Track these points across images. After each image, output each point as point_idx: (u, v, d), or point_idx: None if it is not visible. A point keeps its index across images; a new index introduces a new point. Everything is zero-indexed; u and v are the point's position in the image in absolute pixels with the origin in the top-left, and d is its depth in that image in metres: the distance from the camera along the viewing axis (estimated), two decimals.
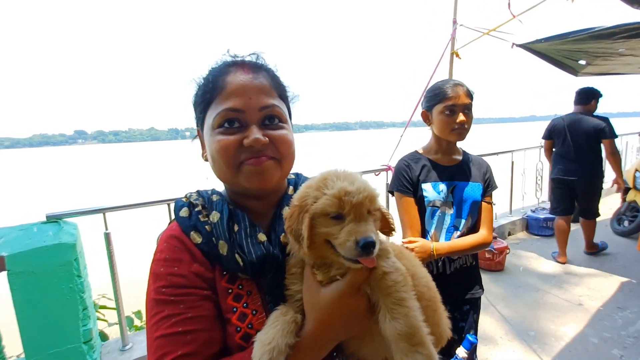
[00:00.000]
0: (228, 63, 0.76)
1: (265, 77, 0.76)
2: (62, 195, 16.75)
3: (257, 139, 0.69)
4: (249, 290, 0.71)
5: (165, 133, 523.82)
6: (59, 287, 1.97)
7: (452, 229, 1.65)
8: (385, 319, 0.62)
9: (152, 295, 0.67)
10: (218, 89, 0.72)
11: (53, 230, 2.05)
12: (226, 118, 0.71)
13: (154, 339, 0.64)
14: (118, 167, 35.19)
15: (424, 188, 1.65)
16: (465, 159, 1.74)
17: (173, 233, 0.74)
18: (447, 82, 1.65)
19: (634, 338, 2.71)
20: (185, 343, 0.63)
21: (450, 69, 3.64)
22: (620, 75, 4.93)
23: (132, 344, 2.38)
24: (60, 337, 1.99)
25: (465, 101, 1.58)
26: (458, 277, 1.67)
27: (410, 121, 3.98)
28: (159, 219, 2.65)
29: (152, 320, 0.65)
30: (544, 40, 3.34)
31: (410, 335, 0.60)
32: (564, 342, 2.70)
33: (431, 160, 1.71)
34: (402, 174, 1.71)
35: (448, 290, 1.47)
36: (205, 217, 0.74)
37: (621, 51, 3.40)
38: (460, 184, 1.66)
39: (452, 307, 1.61)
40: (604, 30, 2.86)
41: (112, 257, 2.33)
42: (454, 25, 3.51)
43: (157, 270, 0.69)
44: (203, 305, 0.67)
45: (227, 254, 0.69)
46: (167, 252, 0.71)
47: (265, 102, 0.73)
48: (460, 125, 1.59)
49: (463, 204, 1.65)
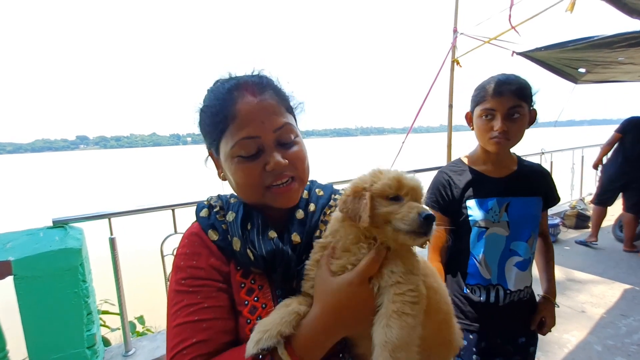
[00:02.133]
0: (231, 87, 0.77)
1: (272, 95, 0.78)
2: (67, 200, 16.83)
3: (278, 163, 0.74)
4: (261, 284, 0.76)
5: (167, 139, 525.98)
6: (64, 292, 1.99)
7: (509, 254, 1.37)
8: (381, 323, 0.63)
9: (173, 287, 0.73)
10: (230, 118, 0.74)
11: (59, 235, 2.08)
12: (244, 147, 0.74)
13: (173, 326, 0.69)
14: (121, 173, 35.36)
15: (469, 206, 1.40)
16: (521, 168, 1.45)
17: (194, 231, 0.80)
18: (493, 78, 1.36)
19: (637, 346, 2.69)
20: (201, 330, 0.67)
21: (451, 77, 3.68)
22: (619, 82, 4.98)
23: (135, 349, 2.39)
24: (64, 342, 2.01)
25: (509, 104, 1.29)
26: (512, 309, 1.40)
27: (412, 128, 4.02)
28: (162, 225, 2.68)
29: (172, 310, 0.70)
30: (544, 49, 3.37)
31: (397, 349, 0.60)
32: (567, 350, 2.69)
33: (478, 172, 1.44)
34: (438, 189, 1.48)
35: (499, 322, 1.39)
36: (222, 217, 0.81)
37: (620, 60, 3.44)
38: (516, 200, 1.37)
39: (504, 340, 1.42)
40: (603, 39, 2.89)
41: (117, 262, 2.34)
42: (454, 33, 3.56)
43: (178, 264, 0.75)
44: (218, 296, 0.72)
45: (240, 249, 0.74)
46: (188, 247, 0.77)
47: (278, 122, 0.76)
48: (500, 134, 1.31)
49: (521, 223, 1.37)
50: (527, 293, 1.42)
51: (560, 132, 74.76)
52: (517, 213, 1.37)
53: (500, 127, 1.30)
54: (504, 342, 1.42)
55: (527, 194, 1.39)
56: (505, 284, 1.38)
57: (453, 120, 3.90)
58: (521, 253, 1.37)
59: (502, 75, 1.36)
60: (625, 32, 2.77)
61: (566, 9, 2.50)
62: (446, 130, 3.85)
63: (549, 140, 5.61)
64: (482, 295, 1.40)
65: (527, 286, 1.41)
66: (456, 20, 3.58)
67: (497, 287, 1.38)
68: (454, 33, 3.59)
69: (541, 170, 1.50)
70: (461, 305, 1.45)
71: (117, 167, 47.53)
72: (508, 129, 1.31)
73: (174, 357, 0.65)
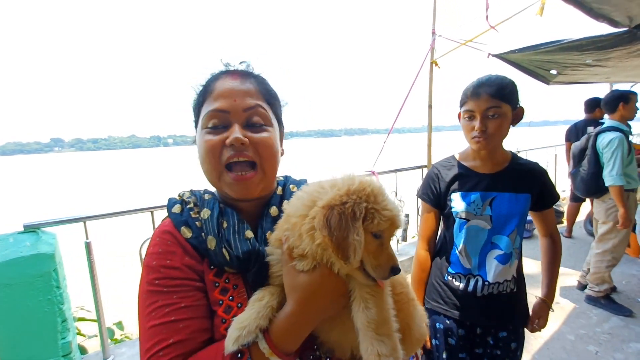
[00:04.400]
0: (220, 72, 0.82)
1: (253, 82, 0.81)
2: (40, 205, 16.12)
3: (237, 138, 0.73)
4: (235, 284, 0.75)
5: (147, 140, 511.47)
6: (36, 299, 1.92)
7: (490, 246, 1.42)
8: (359, 307, 0.66)
9: (145, 288, 0.70)
10: (208, 92, 0.79)
11: (30, 241, 2.00)
12: (212, 118, 0.76)
13: (147, 328, 0.66)
14: (98, 176, 34.19)
15: (452, 198, 1.47)
16: (512, 166, 1.47)
17: (166, 228, 0.77)
18: (476, 80, 1.41)
19: (608, 334, 2.84)
20: (178, 330, 0.66)
21: (430, 78, 3.76)
22: (589, 84, 5.22)
23: (113, 356, 2.32)
24: (38, 351, 1.93)
25: (486, 105, 1.35)
26: (491, 300, 1.43)
27: (392, 128, 4.08)
28: (141, 228, 2.61)
29: (146, 311, 0.68)
30: (518, 51, 3.50)
31: (379, 325, 0.64)
32: (542, 340, 2.80)
33: (466, 167, 1.51)
34: (428, 182, 1.58)
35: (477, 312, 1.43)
36: (196, 213, 0.78)
37: (588, 62, 3.61)
38: (501, 196, 1.41)
39: (484, 332, 1.46)
40: (572, 42, 3.02)
41: (93, 267, 2.27)
42: (432, 35, 3.64)
43: (150, 263, 0.72)
44: (195, 295, 0.71)
45: (214, 248, 0.73)
46: (160, 245, 0.74)
47: (249, 103, 0.77)
48: (479, 134, 1.37)
49: (505, 218, 1.40)
50: (507, 287, 1.44)
51: (535, 132, 77.62)
52: (500, 208, 1.41)
53: (478, 127, 1.36)
54: (484, 333, 1.46)
55: (515, 191, 1.42)
56: (485, 275, 1.42)
57: (433, 121, 3.99)
58: (502, 247, 1.41)
59: (485, 76, 1.42)
60: (592, 36, 2.90)
61: (536, 12, 2.60)
62: (427, 131, 3.94)
63: (523, 139, 5.81)
64: (461, 282, 1.45)
65: (508, 280, 1.43)
66: (434, 23, 3.67)
67: (477, 277, 1.43)
68: (432, 35, 3.67)
69: (535, 169, 1.49)
70: (441, 292, 1.52)
71: (94, 169, 45.94)
72: (487, 128, 1.36)
73: (150, 359, 0.64)
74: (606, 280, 3.22)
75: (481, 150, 1.43)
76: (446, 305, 1.49)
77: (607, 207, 3.20)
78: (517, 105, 1.42)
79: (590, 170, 3.24)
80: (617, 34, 2.79)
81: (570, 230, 5.03)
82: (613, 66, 3.77)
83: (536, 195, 1.44)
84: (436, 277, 1.55)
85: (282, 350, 0.64)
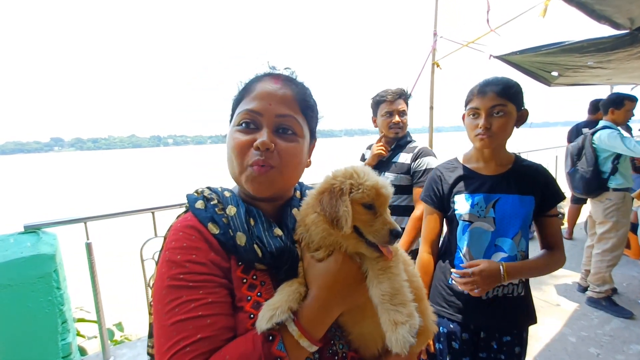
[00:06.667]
0: (266, 73, 0.84)
1: (292, 90, 0.82)
2: (40, 205, 16.09)
3: (264, 142, 0.74)
4: (263, 280, 0.75)
5: (147, 140, 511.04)
6: (37, 300, 1.91)
7: (494, 249, 1.40)
8: (373, 283, 0.70)
9: (167, 283, 0.68)
10: (248, 91, 0.81)
11: (31, 241, 1.99)
12: (245, 117, 0.78)
13: (169, 325, 0.64)
14: (98, 175, 34.14)
15: (455, 200, 1.46)
16: (515, 167, 1.45)
17: (189, 223, 0.75)
18: (483, 80, 1.42)
19: (609, 337, 2.83)
20: (205, 327, 0.64)
21: (431, 79, 3.76)
22: (590, 85, 5.22)
23: (114, 357, 2.32)
24: (38, 352, 1.92)
25: (492, 102, 1.35)
26: (496, 304, 1.41)
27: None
28: (142, 228, 2.60)
29: (168, 307, 0.66)
30: (519, 53, 3.50)
31: (393, 296, 0.68)
32: (544, 342, 2.80)
33: (470, 169, 1.50)
34: (430, 184, 1.57)
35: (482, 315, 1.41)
36: (221, 210, 0.78)
37: (590, 64, 3.61)
38: (505, 197, 1.39)
39: (488, 336, 1.44)
40: (573, 44, 3.03)
41: (94, 268, 2.27)
42: (434, 37, 3.64)
43: (173, 258, 0.70)
44: (220, 292, 0.70)
45: (245, 244, 0.73)
46: (185, 240, 0.72)
47: (283, 111, 0.78)
48: (484, 131, 1.36)
49: (509, 220, 1.39)
50: (513, 290, 1.42)
51: (535, 133, 77.63)
52: (504, 210, 1.39)
53: (483, 124, 1.36)
54: (487, 337, 1.44)
55: (519, 192, 1.39)
56: None
57: (435, 122, 3.99)
58: (506, 249, 1.39)
59: (492, 77, 1.43)
60: (593, 38, 2.91)
61: (539, 14, 2.60)
62: (428, 132, 3.94)
63: (524, 141, 5.80)
64: None
65: (514, 283, 1.41)
66: (436, 24, 3.67)
67: None
68: (434, 36, 3.67)
69: (539, 170, 1.47)
70: (445, 295, 1.50)
71: (94, 169, 45.90)
72: (491, 126, 1.36)
73: (172, 357, 0.62)
74: (607, 281, 3.22)
75: (484, 148, 1.41)
76: (450, 308, 1.47)
77: (605, 207, 3.21)
78: (522, 107, 1.42)
79: (590, 169, 3.25)
80: (618, 36, 2.80)
81: (571, 232, 5.04)
82: (614, 68, 3.78)
83: (540, 197, 1.41)
84: (440, 281, 1.53)
85: (309, 333, 0.67)
